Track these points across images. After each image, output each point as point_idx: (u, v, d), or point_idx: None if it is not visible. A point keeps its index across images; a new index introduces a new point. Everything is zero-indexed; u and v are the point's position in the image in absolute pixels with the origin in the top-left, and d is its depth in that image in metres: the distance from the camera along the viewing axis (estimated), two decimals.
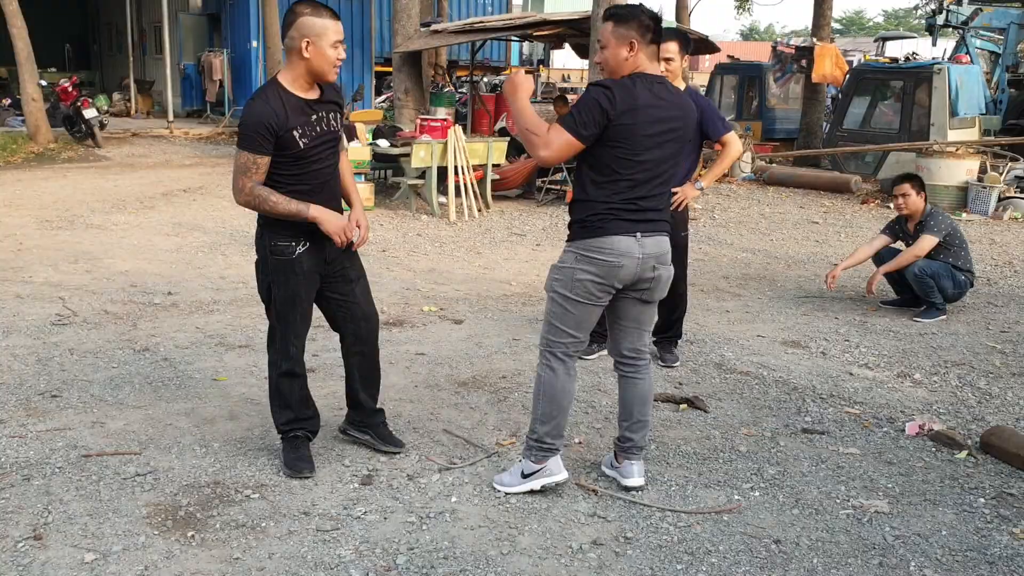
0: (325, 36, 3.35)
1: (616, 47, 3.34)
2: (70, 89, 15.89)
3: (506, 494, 3.53)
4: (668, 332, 5.30)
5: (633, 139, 3.31)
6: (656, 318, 3.60)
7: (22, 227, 8.69)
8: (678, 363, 5.19)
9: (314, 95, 3.49)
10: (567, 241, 3.47)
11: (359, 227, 3.68)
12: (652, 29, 3.35)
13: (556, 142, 3.29)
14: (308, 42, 3.35)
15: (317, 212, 3.44)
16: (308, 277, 3.58)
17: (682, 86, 4.97)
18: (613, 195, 3.35)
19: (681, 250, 5.15)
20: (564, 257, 3.45)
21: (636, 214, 3.38)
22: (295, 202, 3.42)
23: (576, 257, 3.40)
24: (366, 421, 3.94)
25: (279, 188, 3.44)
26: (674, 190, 4.93)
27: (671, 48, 4.80)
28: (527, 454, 3.56)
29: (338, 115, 3.61)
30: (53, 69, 22.10)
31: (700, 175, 5.16)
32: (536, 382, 3.56)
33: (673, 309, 5.25)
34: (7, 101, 18.02)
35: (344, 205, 3.71)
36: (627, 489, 3.60)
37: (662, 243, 3.47)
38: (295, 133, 3.39)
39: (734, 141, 5.03)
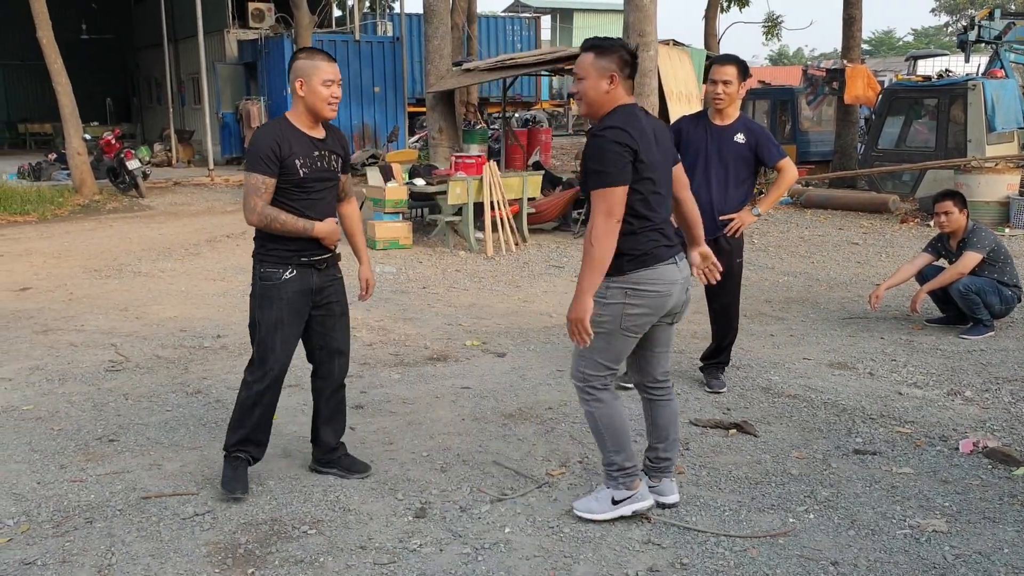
0: (316, 75, 3.63)
1: (596, 80, 3.37)
2: (113, 142, 16.29)
3: (593, 521, 3.54)
4: (717, 358, 5.28)
5: (653, 167, 3.36)
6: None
7: (72, 277, 8.91)
8: (725, 389, 5.18)
9: (319, 134, 3.76)
10: (608, 276, 3.37)
11: (368, 284, 4.13)
12: (630, 64, 3.39)
13: (621, 205, 3.27)
14: (301, 81, 3.65)
15: (320, 228, 3.73)
16: (292, 304, 3.76)
17: (736, 113, 5.00)
18: (651, 225, 3.39)
19: (736, 277, 5.13)
20: (608, 293, 3.38)
21: (669, 237, 3.46)
22: (302, 220, 3.69)
23: (626, 292, 3.38)
24: (326, 458, 4.07)
25: None
26: (731, 216, 4.94)
27: (729, 72, 4.84)
28: (612, 484, 3.56)
29: (340, 161, 3.86)
30: (96, 123, 22.70)
31: (756, 201, 5.17)
32: (591, 420, 3.54)
33: (726, 335, 5.24)
34: (53, 156, 18.51)
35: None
36: (666, 506, 3.67)
37: (686, 264, 3.56)
38: (296, 161, 3.65)
39: (790, 166, 5.03)
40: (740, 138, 4.93)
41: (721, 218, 4.95)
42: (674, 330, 3.67)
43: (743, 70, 4.89)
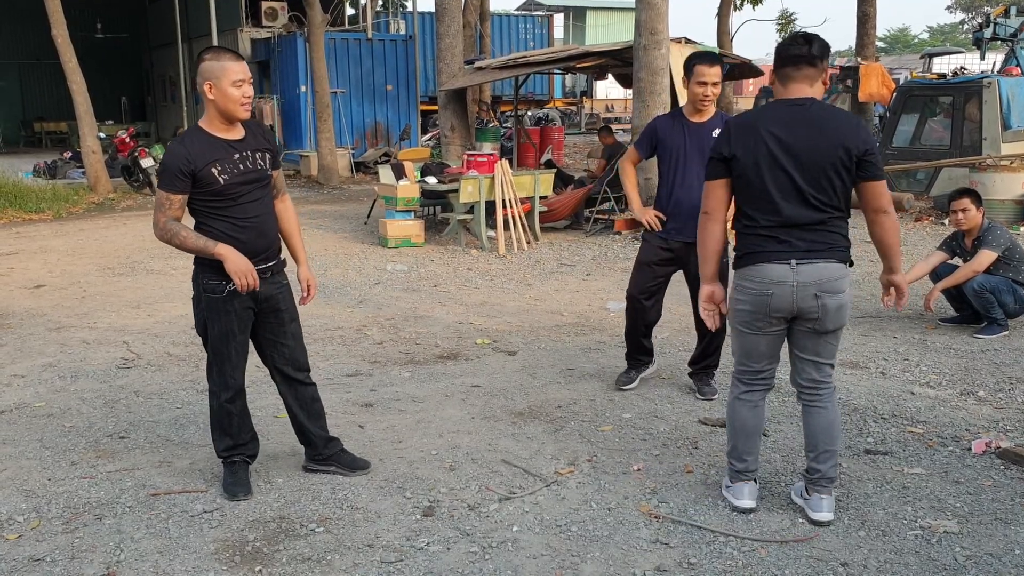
0: (225, 76, 3.49)
1: (770, 74, 3.52)
2: (127, 140, 16.41)
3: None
4: (705, 362, 5.07)
5: (751, 167, 3.37)
6: (836, 349, 3.55)
7: (85, 275, 8.96)
8: (716, 396, 4.98)
9: (236, 135, 3.62)
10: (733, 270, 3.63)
11: (309, 286, 3.93)
12: (782, 56, 3.40)
13: (709, 200, 3.53)
14: (211, 85, 3.50)
15: (223, 250, 3.52)
16: (240, 314, 3.68)
17: (713, 109, 4.89)
18: (759, 223, 3.41)
19: (722, 277, 5.01)
20: (732, 286, 3.61)
21: (788, 238, 3.37)
22: (203, 238, 3.54)
23: (736, 287, 3.53)
24: (324, 453, 4.02)
25: (210, 225, 3.59)
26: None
27: (717, 73, 4.72)
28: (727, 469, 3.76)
29: (268, 157, 3.71)
30: (110, 122, 22.87)
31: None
32: (727, 407, 3.75)
33: (714, 336, 4.98)
34: (68, 154, 18.65)
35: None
36: (815, 523, 3.51)
37: (826, 270, 3.38)
38: (213, 170, 3.51)
39: None
40: (718, 133, 4.82)
41: None
42: (825, 343, 3.49)
43: (723, 69, 4.84)
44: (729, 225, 3.61)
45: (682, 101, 11.10)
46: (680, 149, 4.85)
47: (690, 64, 4.81)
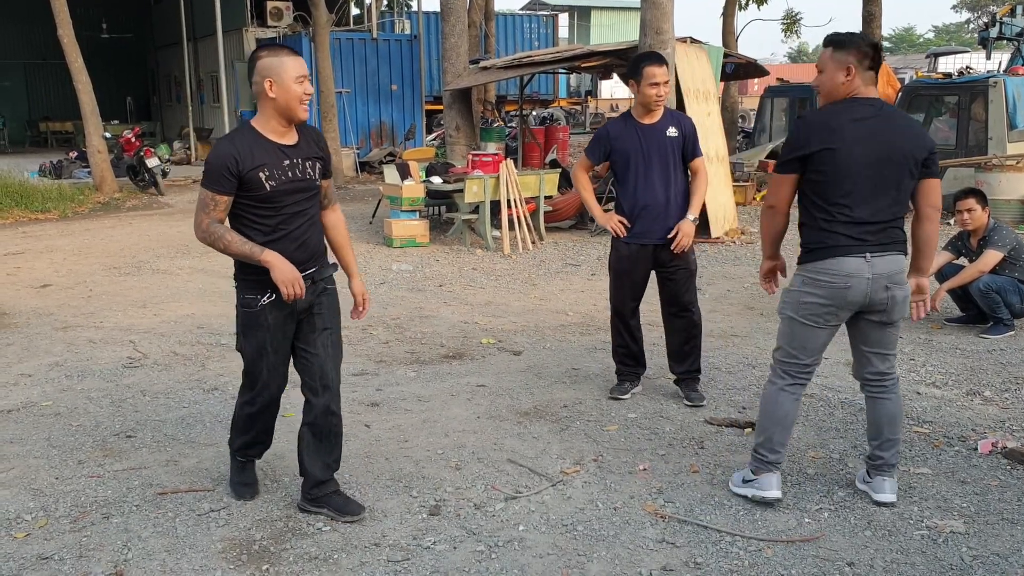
0: (286, 72, 3.29)
1: (833, 72, 3.48)
2: (133, 140, 16.43)
3: (733, 493, 3.77)
4: (689, 366, 4.97)
5: (836, 163, 3.45)
6: (896, 340, 3.67)
7: (91, 274, 8.98)
8: (704, 402, 4.91)
9: (290, 140, 3.42)
10: (797, 264, 3.64)
11: (364, 299, 3.75)
12: (870, 56, 3.46)
13: (777, 194, 3.65)
14: (271, 82, 3.30)
15: (270, 257, 3.31)
16: (275, 330, 3.49)
17: (662, 108, 4.86)
18: (835, 219, 3.49)
19: (694, 274, 4.95)
20: (794, 280, 3.63)
21: (861, 234, 3.47)
22: (249, 243, 3.33)
23: (803, 280, 3.56)
24: (314, 492, 3.66)
25: (251, 231, 3.39)
26: (675, 231, 4.77)
27: (665, 72, 4.71)
28: (750, 463, 3.76)
29: (319, 166, 3.51)
30: (116, 121, 22.86)
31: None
32: (761, 397, 3.79)
33: (688, 338, 4.95)
34: (73, 154, 18.68)
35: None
36: (878, 504, 3.67)
37: (895, 262, 3.51)
38: (261, 174, 3.32)
39: (703, 167, 4.91)
40: (672, 131, 4.80)
41: (669, 236, 4.76)
42: (890, 334, 3.61)
43: (669, 67, 4.81)
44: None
45: (686, 100, 11.09)
46: (638, 152, 4.81)
47: (638, 66, 4.77)
